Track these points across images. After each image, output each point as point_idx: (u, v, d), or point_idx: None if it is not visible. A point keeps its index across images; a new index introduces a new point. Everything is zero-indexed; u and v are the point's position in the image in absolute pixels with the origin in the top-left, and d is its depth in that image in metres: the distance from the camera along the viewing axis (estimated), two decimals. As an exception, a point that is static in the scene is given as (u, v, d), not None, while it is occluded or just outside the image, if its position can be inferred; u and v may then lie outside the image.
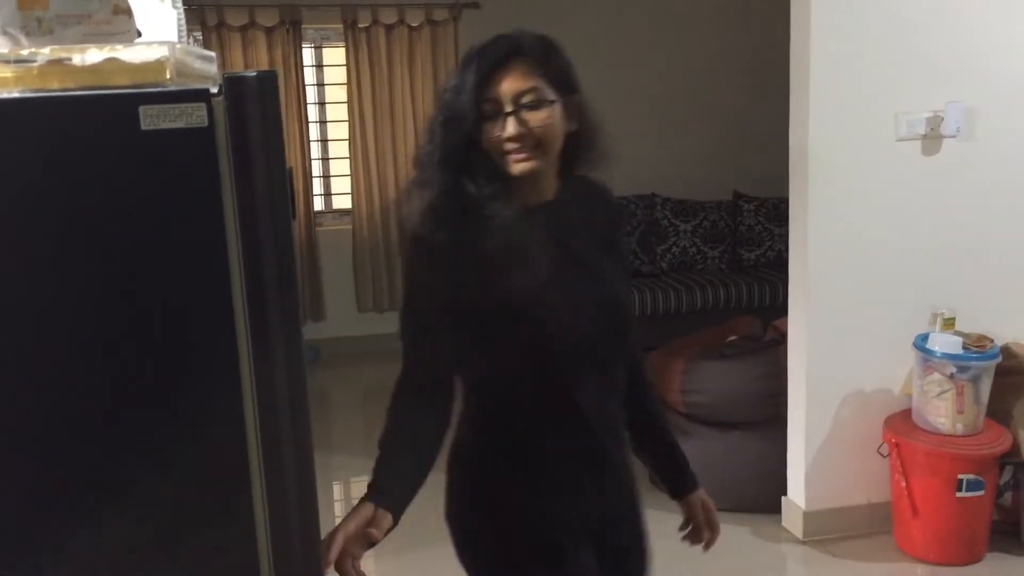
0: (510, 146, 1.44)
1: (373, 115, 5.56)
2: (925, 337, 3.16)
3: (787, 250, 3.39)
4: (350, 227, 5.71)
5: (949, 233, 3.29)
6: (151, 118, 0.79)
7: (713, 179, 5.86)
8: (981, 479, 3.02)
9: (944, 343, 3.08)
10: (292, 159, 5.48)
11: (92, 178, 0.81)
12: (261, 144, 0.85)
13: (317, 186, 5.77)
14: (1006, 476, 3.23)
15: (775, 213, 5.66)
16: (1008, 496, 3.25)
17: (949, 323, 3.16)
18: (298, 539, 0.96)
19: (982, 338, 3.12)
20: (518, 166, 1.45)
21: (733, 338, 3.87)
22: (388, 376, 1.56)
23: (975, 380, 3.06)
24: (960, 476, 3.01)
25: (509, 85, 1.43)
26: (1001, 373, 3.15)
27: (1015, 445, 3.11)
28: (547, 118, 1.45)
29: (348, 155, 5.62)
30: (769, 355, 3.54)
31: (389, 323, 5.81)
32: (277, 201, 0.85)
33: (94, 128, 0.82)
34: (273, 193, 0.84)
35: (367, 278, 5.75)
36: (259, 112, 0.83)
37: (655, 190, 5.75)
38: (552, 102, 1.46)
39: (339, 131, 5.70)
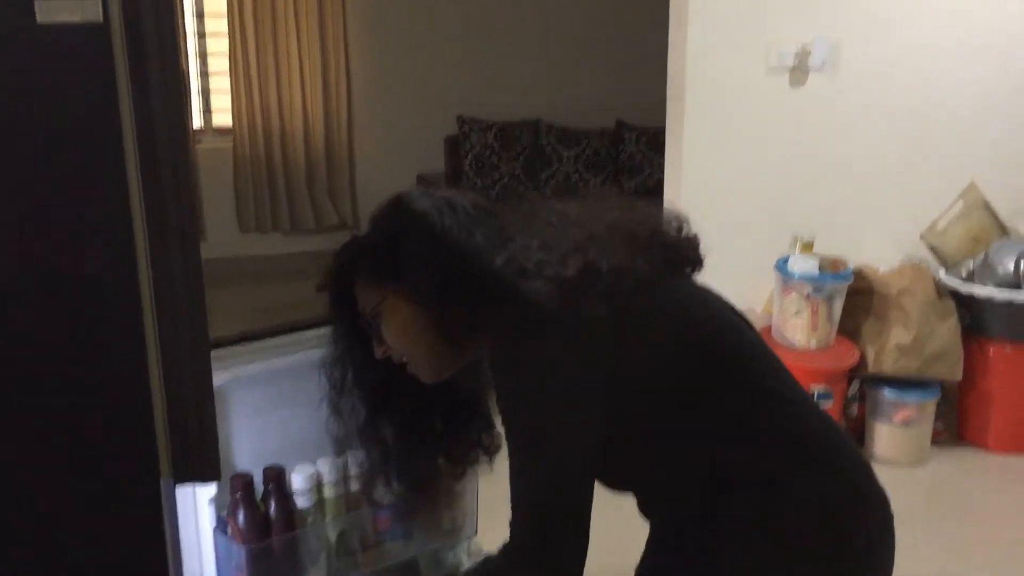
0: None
1: (255, 29, 5.41)
2: (786, 260, 3.37)
3: (664, 176, 3.53)
4: (230, 145, 5.59)
5: (811, 163, 3.49)
6: (46, 11, 0.81)
7: (597, 107, 5.97)
8: (831, 390, 3.28)
9: (802, 265, 3.29)
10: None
11: (-12, 68, 0.82)
12: (156, 40, 0.87)
13: (196, 103, 5.60)
14: (853, 389, 3.51)
15: (656, 142, 5.80)
16: (855, 407, 3.54)
17: (808, 246, 3.38)
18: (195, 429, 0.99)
19: (837, 261, 3.35)
20: (419, 376, 1.32)
21: (610, 260, 4.02)
22: (270, 297, 1.51)
23: (829, 299, 3.30)
24: (812, 387, 3.26)
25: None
26: (853, 293, 3.40)
27: (862, 360, 3.38)
28: (393, 328, 1.28)
29: (228, 71, 5.47)
30: (643, 276, 3.70)
31: (271, 244, 5.78)
32: (172, 97, 0.88)
33: (-11, 19, 0.82)
34: (168, 89, 0.88)
35: (249, 197, 5.66)
36: (154, 9, 0.86)
37: (540, 115, 5.82)
38: (388, 312, 1.28)
39: (219, 45, 5.52)
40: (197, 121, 5.63)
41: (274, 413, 1.37)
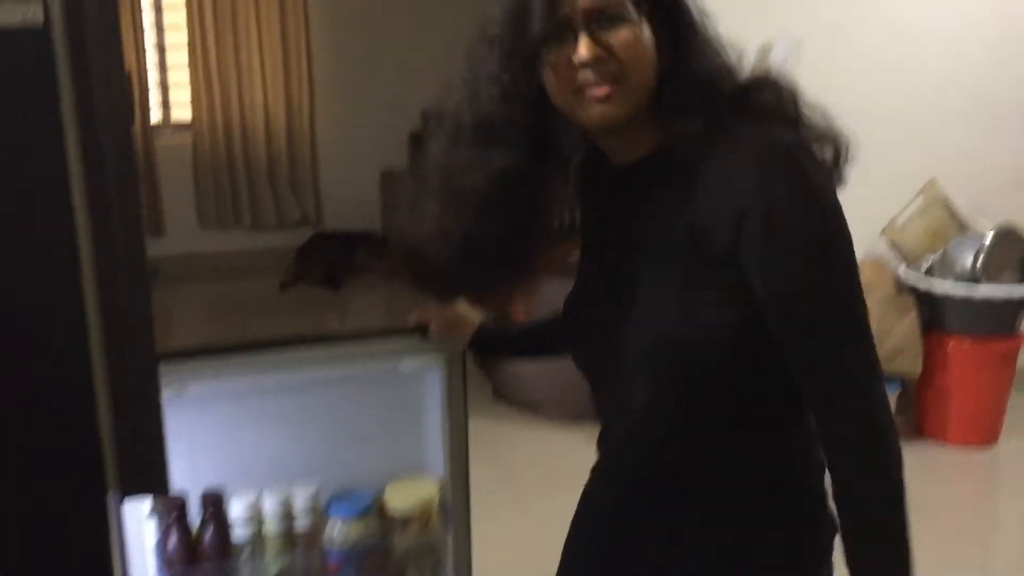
0: (585, 77, 1.06)
1: (214, 21, 5.34)
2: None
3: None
4: (190, 140, 5.51)
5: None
6: (-18, 12, 0.78)
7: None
8: (792, 386, 3.30)
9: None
10: (127, 66, 5.21)
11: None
12: (99, 42, 0.84)
13: (154, 97, 5.52)
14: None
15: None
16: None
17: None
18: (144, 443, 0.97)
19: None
20: (597, 108, 1.07)
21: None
22: (231, 294, 1.43)
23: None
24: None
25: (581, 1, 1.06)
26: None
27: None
28: (630, 37, 1.07)
29: (188, 64, 5.39)
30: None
31: (232, 240, 5.70)
32: (116, 100, 0.86)
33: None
34: (111, 93, 0.85)
35: (209, 192, 5.59)
36: (96, 9, 0.83)
37: None
38: (634, 21, 1.07)
39: (178, 37, 5.44)
40: (156, 115, 5.54)
41: (232, 434, 1.31)
